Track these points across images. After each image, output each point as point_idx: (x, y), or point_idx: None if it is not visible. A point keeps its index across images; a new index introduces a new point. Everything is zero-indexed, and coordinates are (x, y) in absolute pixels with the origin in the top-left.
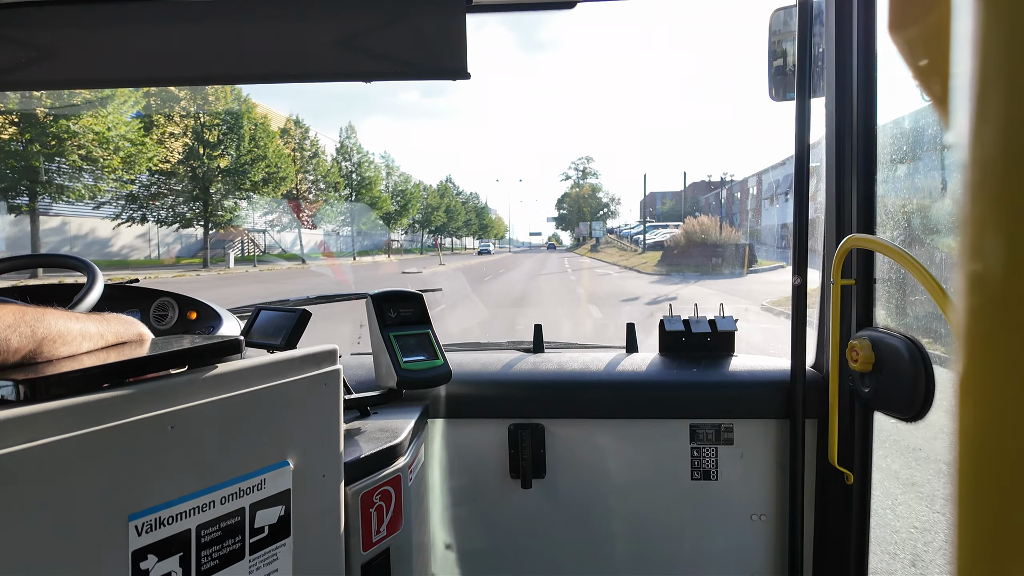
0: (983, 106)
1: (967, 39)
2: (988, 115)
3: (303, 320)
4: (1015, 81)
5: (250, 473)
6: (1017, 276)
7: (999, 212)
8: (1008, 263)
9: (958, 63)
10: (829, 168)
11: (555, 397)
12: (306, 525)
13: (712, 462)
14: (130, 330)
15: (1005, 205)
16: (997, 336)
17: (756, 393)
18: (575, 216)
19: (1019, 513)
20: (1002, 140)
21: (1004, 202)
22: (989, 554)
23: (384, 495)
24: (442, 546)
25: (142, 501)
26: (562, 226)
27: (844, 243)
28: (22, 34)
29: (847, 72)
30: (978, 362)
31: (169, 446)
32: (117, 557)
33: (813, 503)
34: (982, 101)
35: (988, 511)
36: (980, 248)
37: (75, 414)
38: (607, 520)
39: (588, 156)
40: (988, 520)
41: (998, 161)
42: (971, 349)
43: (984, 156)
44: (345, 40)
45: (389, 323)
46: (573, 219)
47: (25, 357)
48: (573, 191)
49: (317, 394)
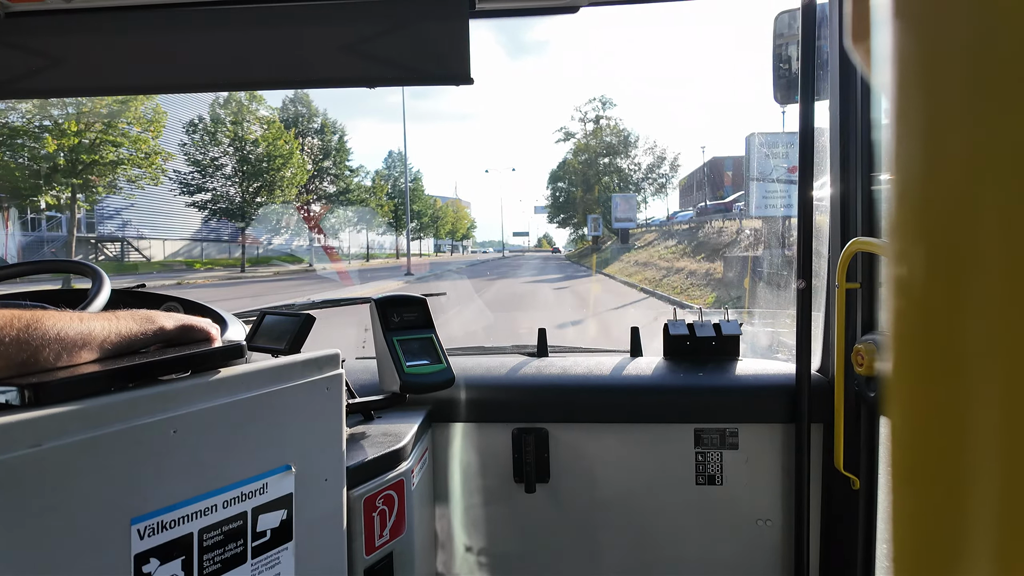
0: (903, 119)
1: (885, 52)
2: (907, 128)
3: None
4: (931, 95)
5: (252, 477)
6: (936, 281)
7: (919, 220)
8: (928, 268)
9: (879, 77)
10: (833, 172)
11: (559, 401)
12: (308, 529)
13: (717, 467)
14: (145, 326)
15: (924, 214)
16: (920, 338)
17: (761, 397)
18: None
19: (943, 505)
20: (921, 152)
21: (924, 211)
22: (921, 539)
23: (387, 499)
24: (445, 550)
25: (145, 505)
26: (558, 218)
27: (849, 247)
28: (32, 42)
29: (851, 75)
30: (903, 363)
31: (172, 450)
32: (119, 560)
33: (819, 508)
34: (901, 114)
35: (917, 505)
36: (904, 254)
37: (78, 418)
38: (611, 525)
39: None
40: (916, 514)
41: (918, 171)
42: (897, 350)
43: (905, 167)
44: (349, 46)
45: (392, 327)
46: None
47: (22, 359)
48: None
49: (320, 398)
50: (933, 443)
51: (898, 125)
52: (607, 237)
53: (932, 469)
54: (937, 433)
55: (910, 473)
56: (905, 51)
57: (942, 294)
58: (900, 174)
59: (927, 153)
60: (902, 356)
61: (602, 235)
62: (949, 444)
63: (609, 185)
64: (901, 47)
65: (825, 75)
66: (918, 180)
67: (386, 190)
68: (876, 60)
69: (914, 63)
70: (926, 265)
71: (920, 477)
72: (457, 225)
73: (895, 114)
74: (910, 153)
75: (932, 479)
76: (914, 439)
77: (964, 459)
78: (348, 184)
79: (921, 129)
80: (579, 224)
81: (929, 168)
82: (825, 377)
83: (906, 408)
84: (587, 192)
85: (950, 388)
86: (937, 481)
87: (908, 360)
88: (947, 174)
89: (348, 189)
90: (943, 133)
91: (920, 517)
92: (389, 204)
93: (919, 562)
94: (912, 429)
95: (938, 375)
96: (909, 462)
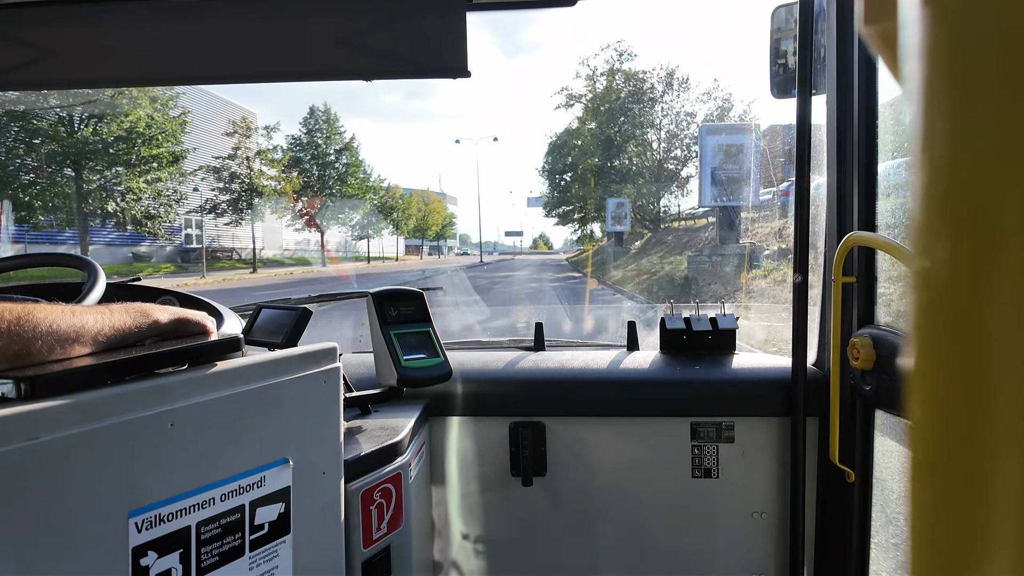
0: (930, 110)
1: (914, 42)
2: (935, 119)
3: (304, 318)
4: (961, 87)
5: (250, 470)
6: (961, 274)
7: (945, 213)
8: (953, 262)
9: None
10: (830, 165)
11: (556, 395)
12: (306, 522)
13: (713, 460)
14: (139, 320)
15: (951, 207)
16: (943, 332)
17: (757, 391)
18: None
19: (966, 500)
20: (947, 145)
21: (950, 204)
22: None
23: (385, 492)
24: (443, 543)
25: (142, 498)
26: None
27: (845, 240)
28: (22, 33)
29: (848, 68)
30: (926, 356)
31: (169, 443)
32: (117, 553)
33: (814, 501)
34: (930, 106)
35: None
36: (928, 247)
37: (75, 411)
38: (608, 518)
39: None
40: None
41: (944, 164)
42: (920, 344)
43: (931, 159)
44: (345, 39)
45: (390, 321)
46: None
47: (13, 352)
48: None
49: (317, 392)
50: (956, 441)
51: (924, 117)
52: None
53: (954, 467)
54: (959, 426)
55: (931, 472)
56: (934, 40)
57: (966, 288)
58: (926, 166)
59: (954, 146)
60: (925, 349)
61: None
62: (972, 442)
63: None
64: (930, 36)
65: (822, 69)
66: (944, 173)
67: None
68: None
69: (942, 53)
70: (951, 258)
71: (942, 476)
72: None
73: (922, 106)
74: (936, 145)
75: (954, 478)
76: (937, 432)
77: (987, 457)
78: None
79: (948, 121)
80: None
81: (955, 161)
82: (821, 371)
83: (928, 405)
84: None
85: (973, 384)
86: (959, 480)
87: (931, 353)
88: (974, 167)
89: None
90: (971, 125)
91: (941, 516)
92: (296, 180)
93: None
94: (935, 423)
95: (961, 368)
96: (931, 460)
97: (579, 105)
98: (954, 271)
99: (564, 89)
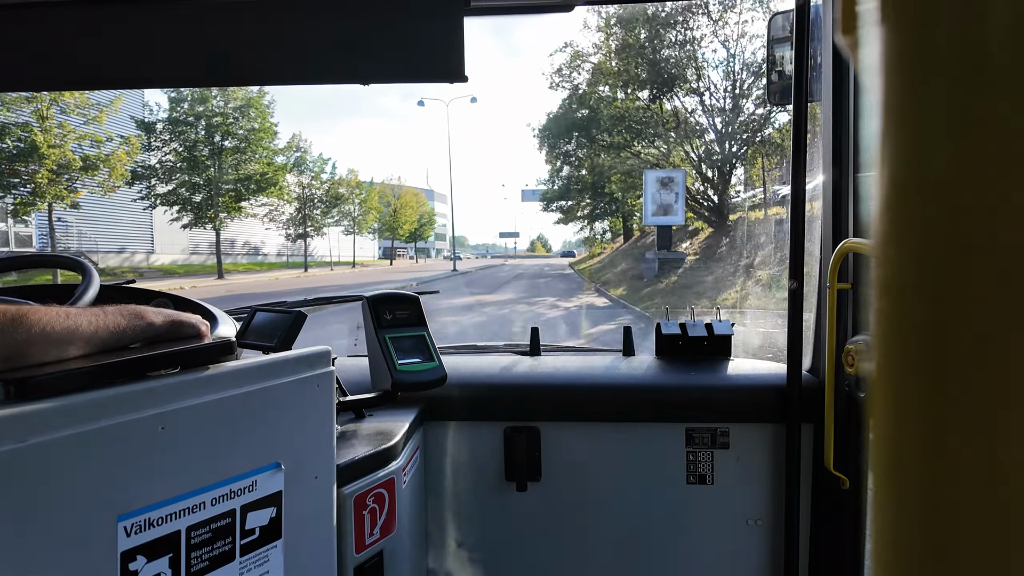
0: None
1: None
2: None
3: (298, 321)
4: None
5: (241, 475)
6: (919, 282)
7: (903, 222)
8: (910, 270)
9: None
10: (826, 172)
11: (551, 400)
12: (298, 527)
13: (708, 466)
14: (133, 322)
15: (908, 216)
16: (902, 338)
17: (752, 397)
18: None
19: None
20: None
21: (907, 213)
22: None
23: (378, 497)
24: (436, 549)
25: (132, 502)
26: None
27: (840, 247)
28: (19, 34)
29: (844, 77)
30: (885, 360)
31: (160, 447)
32: (106, 558)
33: (809, 508)
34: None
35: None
36: (887, 255)
37: (64, 414)
38: (602, 524)
39: None
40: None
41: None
42: (880, 348)
43: (890, 168)
44: (343, 42)
45: (384, 325)
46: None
47: (6, 354)
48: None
49: (310, 396)
50: (912, 436)
51: (884, 127)
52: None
53: (911, 467)
54: (915, 426)
55: (890, 471)
56: (891, 53)
57: (924, 295)
58: (884, 176)
59: (911, 156)
60: (884, 354)
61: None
62: (929, 443)
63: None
64: (888, 49)
65: (818, 77)
66: (902, 182)
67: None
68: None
69: (900, 65)
70: (909, 266)
71: (899, 475)
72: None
73: (882, 115)
74: (895, 155)
75: (911, 477)
76: (894, 437)
77: (943, 458)
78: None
79: (906, 131)
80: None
81: (912, 170)
82: (816, 377)
83: (887, 407)
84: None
85: (930, 388)
86: (916, 479)
87: (889, 357)
88: (931, 176)
89: None
90: (926, 137)
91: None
92: (135, 144)
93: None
94: (894, 424)
95: (918, 372)
96: (889, 460)
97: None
98: (912, 279)
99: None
